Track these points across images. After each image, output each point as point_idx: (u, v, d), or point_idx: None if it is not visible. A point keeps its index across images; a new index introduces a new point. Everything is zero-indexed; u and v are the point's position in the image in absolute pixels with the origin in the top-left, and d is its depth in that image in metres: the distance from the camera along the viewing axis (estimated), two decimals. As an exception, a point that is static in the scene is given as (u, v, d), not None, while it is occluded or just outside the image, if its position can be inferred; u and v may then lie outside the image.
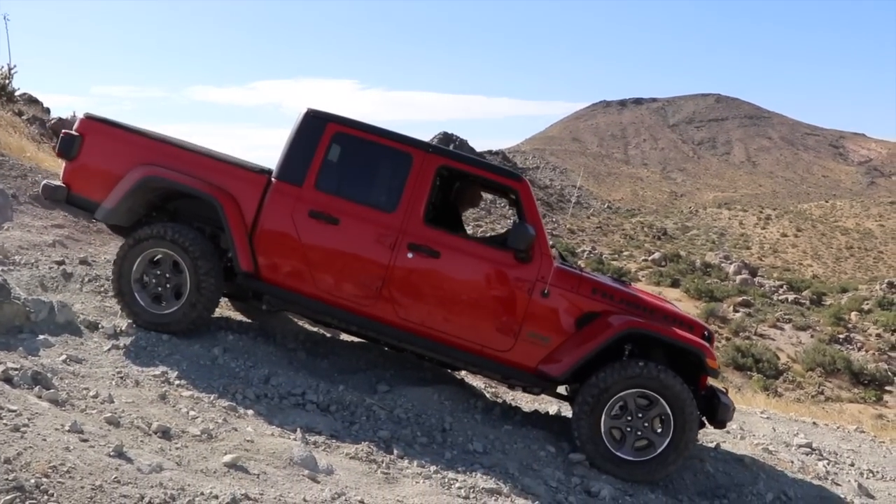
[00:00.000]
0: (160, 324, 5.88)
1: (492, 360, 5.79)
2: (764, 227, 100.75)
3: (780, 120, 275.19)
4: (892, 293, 44.39)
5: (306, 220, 5.81)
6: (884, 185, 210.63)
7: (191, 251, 5.79)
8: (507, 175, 6.05)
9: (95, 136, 6.15)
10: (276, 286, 5.91)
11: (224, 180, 5.94)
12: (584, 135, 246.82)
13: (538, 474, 5.18)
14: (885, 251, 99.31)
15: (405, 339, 5.90)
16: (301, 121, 5.99)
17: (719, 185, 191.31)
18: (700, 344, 5.65)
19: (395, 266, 5.74)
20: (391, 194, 5.87)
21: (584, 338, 5.65)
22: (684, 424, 5.44)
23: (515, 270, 5.74)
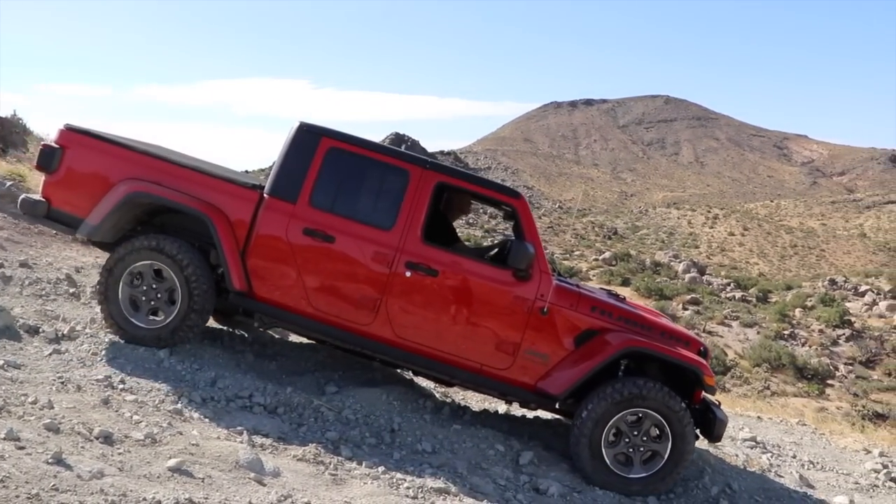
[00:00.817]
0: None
1: (490, 378, 5.75)
2: (712, 226, 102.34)
3: (726, 121, 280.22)
4: (833, 290, 45.43)
5: (301, 237, 5.68)
6: (825, 185, 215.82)
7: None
8: (506, 192, 6.01)
9: (77, 149, 5.90)
10: (269, 305, 5.78)
11: (214, 196, 5.76)
12: (536, 135, 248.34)
13: (487, 473, 5.20)
14: (826, 249, 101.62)
15: (403, 357, 5.82)
16: (293, 135, 5.85)
17: (668, 185, 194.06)
18: (698, 362, 5.71)
19: (392, 285, 5.66)
20: (388, 211, 5.75)
21: (584, 356, 5.64)
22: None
23: (515, 288, 5.70)
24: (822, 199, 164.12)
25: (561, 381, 5.61)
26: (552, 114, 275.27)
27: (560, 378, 5.62)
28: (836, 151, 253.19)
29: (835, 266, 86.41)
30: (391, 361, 6.07)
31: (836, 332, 37.01)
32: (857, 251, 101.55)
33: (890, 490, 7.42)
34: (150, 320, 5.78)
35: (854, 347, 35.30)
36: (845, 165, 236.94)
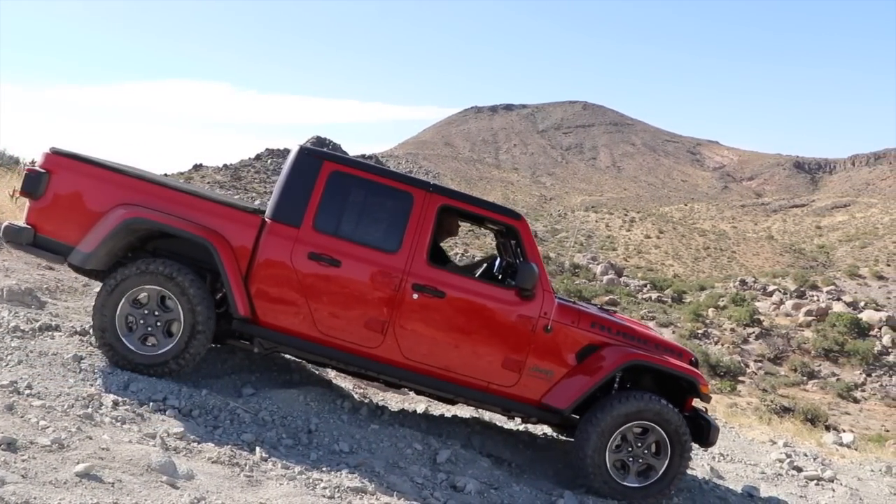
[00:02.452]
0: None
1: (497, 396, 5.82)
2: (629, 229, 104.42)
3: (642, 127, 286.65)
4: (744, 290, 46.90)
5: (306, 262, 5.62)
6: (736, 189, 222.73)
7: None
8: (507, 213, 6.06)
9: (65, 173, 5.65)
10: (275, 330, 5.69)
11: (214, 221, 5.63)
12: (457, 139, 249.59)
13: (404, 472, 5.21)
14: (737, 251, 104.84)
15: (411, 378, 5.81)
16: (295, 159, 5.80)
17: (586, 189, 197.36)
18: (695, 373, 6.00)
19: (400, 307, 5.66)
20: (393, 234, 5.74)
21: (588, 370, 5.78)
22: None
23: (519, 308, 5.78)
24: (734, 203, 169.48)
25: (566, 395, 5.74)
26: (473, 118, 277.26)
27: (565, 392, 5.75)
28: (746, 157, 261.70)
29: (745, 267, 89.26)
30: (398, 383, 6.06)
31: (747, 330, 38.30)
32: (766, 253, 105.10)
33: (793, 478, 7.74)
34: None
35: (763, 345, 36.56)
36: (754, 171, 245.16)
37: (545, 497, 5.53)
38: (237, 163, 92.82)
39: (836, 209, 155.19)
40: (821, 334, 37.78)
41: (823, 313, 40.73)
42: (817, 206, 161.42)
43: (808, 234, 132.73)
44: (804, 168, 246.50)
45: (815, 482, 7.81)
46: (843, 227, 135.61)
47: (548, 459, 6.38)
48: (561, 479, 6.05)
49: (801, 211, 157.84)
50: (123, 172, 5.77)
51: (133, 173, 5.82)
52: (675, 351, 6.22)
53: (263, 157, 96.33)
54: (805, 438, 11.67)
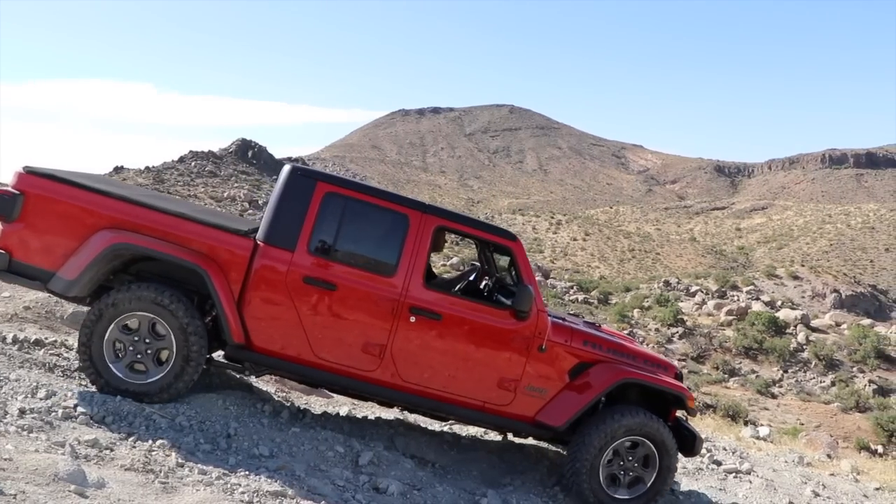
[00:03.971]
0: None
1: (492, 415, 5.83)
2: (555, 231, 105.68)
3: (568, 131, 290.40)
4: (667, 291, 47.87)
5: (301, 286, 5.48)
6: (659, 192, 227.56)
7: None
8: (502, 234, 6.04)
9: (42, 195, 5.36)
10: (269, 356, 5.54)
11: (204, 245, 5.44)
12: (384, 142, 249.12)
13: (326, 475, 5.13)
14: (661, 253, 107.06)
15: (407, 400, 5.77)
16: (287, 179, 5.63)
17: (514, 192, 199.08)
18: (683, 388, 6.14)
19: (397, 330, 5.59)
20: (390, 257, 5.66)
21: (581, 388, 5.86)
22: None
23: (514, 328, 5.78)
24: (657, 206, 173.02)
25: (561, 412, 5.80)
26: (400, 121, 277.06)
27: (560, 410, 5.81)
28: (669, 161, 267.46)
29: (668, 268, 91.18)
30: (393, 403, 6.04)
31: (671, 330, 39.05)
32: (689, 254, 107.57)
33: (713, 471, 7.90)
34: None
35: (686, 344, 37.32)
36: (677, 174, 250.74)
37: (469, 497, 5.52)
38: (160, 165, 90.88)
39: (754, 212, 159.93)
40: (741, 333, 38.77)
41: (743, 313, 41.85)
42: (737, 209, 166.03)
43: (729, 236, 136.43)
44: (724, 172, 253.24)
45: (734, 475, 8.04)
46: (761, 229, 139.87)
47: (473, 460, 6.36)
48: (485, 479, 6.05)
49: (722, 213, 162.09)
50: (105, 193, 5.50)
51: (115, 194, 5.55)
52: (661, 365, 6.35)
53: (187, 159, 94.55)
54: (725, 433, 11.96)
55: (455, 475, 5.94)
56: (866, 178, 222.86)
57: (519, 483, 6.05)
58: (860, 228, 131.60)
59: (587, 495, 5.79)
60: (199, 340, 5.39)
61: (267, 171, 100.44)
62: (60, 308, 7.58)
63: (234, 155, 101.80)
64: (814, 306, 56.29)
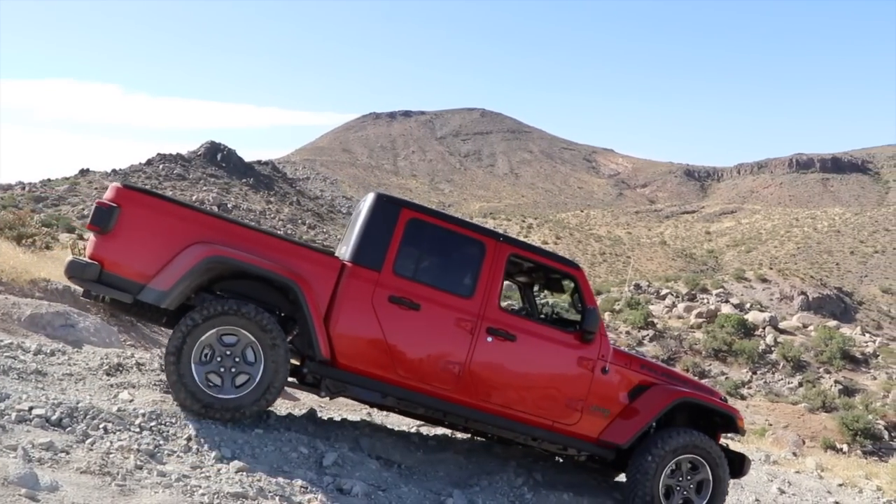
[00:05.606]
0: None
1: (560, 434, 6.11)
2: (527, 234, 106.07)
3: (539, 135, 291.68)
4: (638, 294, 48.16)
5: (387, 305, 5.69)
6: (630, 196, 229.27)
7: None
8: (567, 263, 6.46)
9: (137, 209, 5.50)
10: (352, 372, 5.69)
11: (294, 262, 5.60)
12: (355, 146, 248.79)
13: (289, 476, 5.02)
14: (632, 256, 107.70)
15: (484, 419, 5.95)
16: (373, 205, 5.90)
17: (485, 196, 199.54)
18: (734, 409, 6.61)
19: (475, 350, 5.85)
20: (468, 280, 5.98)
21: (642, 408, 6.23)
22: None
23: (581, 350, 6.15)
24: (628, 210, 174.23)
25: (624, 431, 6.16)
26: (371, 125, 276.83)
27: (623, 429, 6.17)
28: (639, 165, 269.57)
29: (639, 272, 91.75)
30: (470, 425, 6.16)
31: (642, 332, 39.28)
32: (659, 257, 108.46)
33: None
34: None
35: (657, 346, 37.54)
36: (647, 178, 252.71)
37: (434, 497, 5.46)
38: (127, 168, 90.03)
39: (723, 215, 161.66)
40: (710, 335, 39.12)
41: (713, 315, 42.23)
42: (706, 213, 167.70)
43: (699, 240, 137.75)
44: (694, 176, 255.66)
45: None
46: (731, 233, 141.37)
47: (440, 461, 6.31)
48: (452, 480, 5.99)
49: (692, 217, 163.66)
50: (199, 210, 5.74)
51: (206, 211, 5.78)
52: (706, 390, 6.80)
53: (155, 161, 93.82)
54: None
55: (421, 476, 5.88)
56: (832, 183, 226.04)
57: (486, 484, 6.01)
58: (826, 232, 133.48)
59: None
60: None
61: (236, 173, 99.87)
62: (18, 310, 7.43)
63: (203, 157, 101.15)
64: (782, 308, 56.93)
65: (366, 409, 7.73)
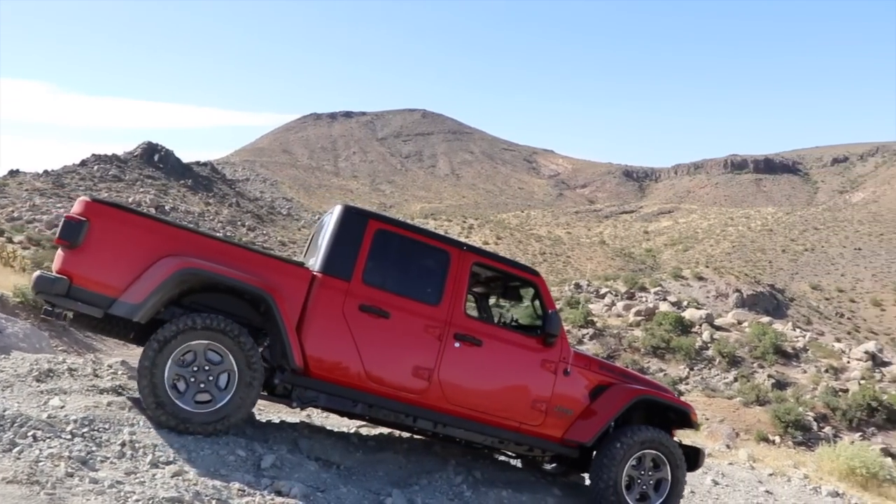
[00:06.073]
0: (218, 420, 5.44)
1: (527, 435, 6.31)
2: (467, 235, 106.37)
3: (480, 136, 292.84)
4: (578, 293, 48.68)
5: (357, 314, 5.81)
6: (570, 196, 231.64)
7: (235, 336, 5.44)
8: (527, 270, 6.72)
9: (107, 223, 5.45)
10: (324, 381, 5.76)
11: (265, 273, 5.66)
12: (295, 147, 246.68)
13: (226, 479, 4.96)
14: (572, 256, 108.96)
15: (453, 423, 6.08)
16: (341, 217, 6.02)
17: (426, 197, 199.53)
18: (688, 405, 6.98)
19: (444, 355, 6.00)
20: (435, 288, 6.13)
21: (604, 406, 6.49)
22: (678, 485, 6.58)
23: (543, 353, 6.38)
24: (568, 210, 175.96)
25: (588, 429, 6.39)
26: (312, 125, 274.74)
27: (586, 427, 6.40)
28: (579, 166, 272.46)
29: (579, 271, 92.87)
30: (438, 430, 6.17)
31: (582, 331, 39.68)
32: (598, 257, 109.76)
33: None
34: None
35: (597, 345, 37.97)
36: (587, 178, 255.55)
37: (373, 497, 5.45)
38: (59, 169, 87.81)
39: (661, 215, 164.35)
40: (649, 333, 39.68)
41: (651, 313, 42.85)
42: (645, 213, 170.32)
43: (637, 239, 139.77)
44: (632, 176, 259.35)
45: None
46: (668, 232, 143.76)
47: (379, 461, 6.29)
48: (392, 479, 5.98)
49: (630, 217, 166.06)
50: (167, 222, 5.74)
51: (176, 224, 5.78)
52: (661, 388, 7.13)
53: (89, 162, 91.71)
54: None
55: (360, 476, 5.86)
56: (765, 183, 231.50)
57: (425, 483, 6.01)
58: (760, 231, 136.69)
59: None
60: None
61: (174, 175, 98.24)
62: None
63: (140, 158, 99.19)
64: (717, 306, 58.12)
65: (305, 410, 7.67)
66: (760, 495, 10.27)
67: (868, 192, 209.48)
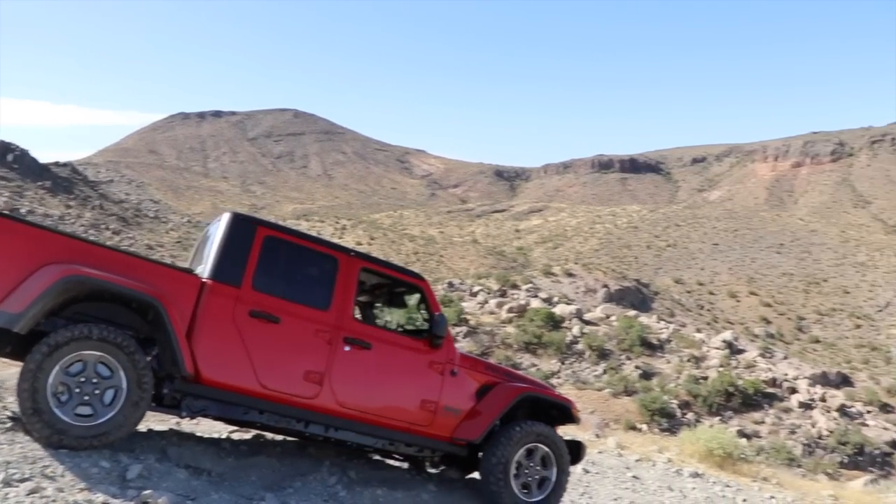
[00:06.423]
0: (95, 436, 5.16)
1: (417, 435, 6.42)
2: (340, 236, 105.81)
3: (352, 136, 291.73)
4: (452, 292, 49.15)
5: (248, 319, 5.75)
6: (442, 196, 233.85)
7: (131, 352, 5.24)
8: (413, 275, 6.89)
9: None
10: (216, 387, 5.66)
11: (153, 280, 5.50)
12: (162, 147, 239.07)
13: (89, 493, 4.74)
14: (445, 255, 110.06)
15: (345, 426, 6.09)
16: (230, 225, 5.97)
17: (298, 198, 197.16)
18: (569, 400, 7.24)
19: (335, 359, 6.02)
20: (324, 293, 6.15)
21: (491, 405, 6.65)
22: (559, 488, 6.78)
23: (431, 355, 6.53)
24: (440, 209, 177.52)
25: (476, 427, 6.53)
26: (180, 125, 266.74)
27: (474, 426, 6.54)
28: (451, 166, 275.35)
29: (452, 270, 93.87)
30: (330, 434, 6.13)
31: (455, 329, 40.06)
32: (471, 256, 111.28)
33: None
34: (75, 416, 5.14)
35: (471, 342, 38.45)
36: (459, 178, 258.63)
37: (246, 502, 5.33)
38: None
39: (531, 214, 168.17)
40: (521, 329, 40.51)
41: (523, 310, 43.73)
42: (516, 212, 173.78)
43: (508, 238, 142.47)
44: (503, 176, 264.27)
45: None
46: (538, 231, 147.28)
47: (252, 465, 6.16)
48: (265, 484, 5.86)
49: (502, 216, 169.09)
50: (49, 230, 5.53)
51: (60, 231, 5.61)
52: (542, 385, 7.38)
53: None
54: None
55: (233, 482, 5.70)
56: (630, 182, 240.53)
57: (299, 485, 5.92)
58: (625, 228, 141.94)
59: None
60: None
61: (31, 176, 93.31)
62: None
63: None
64: (587, 301, 60.02)
65: (174, 418, 7.43)
66: (628, 481, 10.72)
67: (724, 190, 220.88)
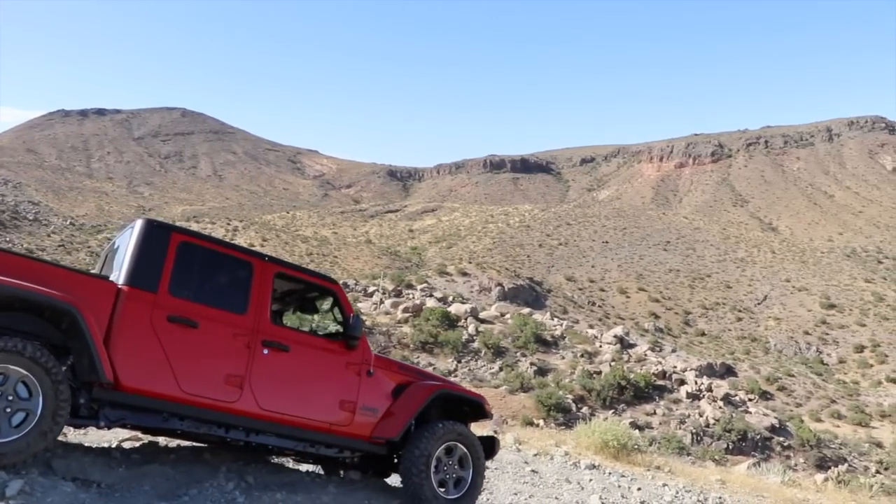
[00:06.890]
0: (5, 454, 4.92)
1: (337, 436, 6.46)
2: (232, 237, 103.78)
3: (243, 136, 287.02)
4: (346, 292, 48.87)
5: (165, 324, 5.69)
6: (335, 196, 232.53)
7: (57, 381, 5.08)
8: (326, 279, 6.95)
9: None
10: (137, 394, 5.52)
11: (68, 287, 5.33)
12: (41, 146, 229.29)
13: (-35, 512, 4.44)
14: (339, 256, 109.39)
15: (266, 429, 6.09)
16: (143, 231, 5.91)
17: (187, 199, 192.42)
18: (481, 396, 7.48)
19: (253, 362, 6.02)
20: (240, 297, 6.16)
21: (407, 403, 6.79)
22: (475, 489, 6.95)
23: (347, 356, 6.60)
24: (333, 210, 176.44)
25: (394, 425, 6.66)
26: (60, 123, 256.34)
27: (392, 424, 6.67)
28: (344, 166, 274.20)
29: (347, 270, 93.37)
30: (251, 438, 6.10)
31: (358, 331, 39.86)
32: (365, 256, 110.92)
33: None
34: None
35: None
36: (352, 178, 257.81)
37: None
38: None
39: (425, 213, 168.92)
40: (417, 329, 40.67)
41: (419, 309, 43.88)
42: (409, 212, 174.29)
43: (402, 238, 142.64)
44: (397, 176, 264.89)
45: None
46: (432, 230, 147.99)
47: (144, 474, 5.93)
48: (159, 493, 5.64)
49: (395, 216, 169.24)
50: None
51: None
52: (453, 384, 7.53)
53: None
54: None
55: (124, 493, 5.46)
56: (521, 182, 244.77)
57: (195, 492, 5.74)
58: (518, 227, 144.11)
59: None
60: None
61: None
62: None
63: None
64: (481, 299, 60.61)
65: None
66: (527, 475, 10.88)
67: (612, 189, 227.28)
